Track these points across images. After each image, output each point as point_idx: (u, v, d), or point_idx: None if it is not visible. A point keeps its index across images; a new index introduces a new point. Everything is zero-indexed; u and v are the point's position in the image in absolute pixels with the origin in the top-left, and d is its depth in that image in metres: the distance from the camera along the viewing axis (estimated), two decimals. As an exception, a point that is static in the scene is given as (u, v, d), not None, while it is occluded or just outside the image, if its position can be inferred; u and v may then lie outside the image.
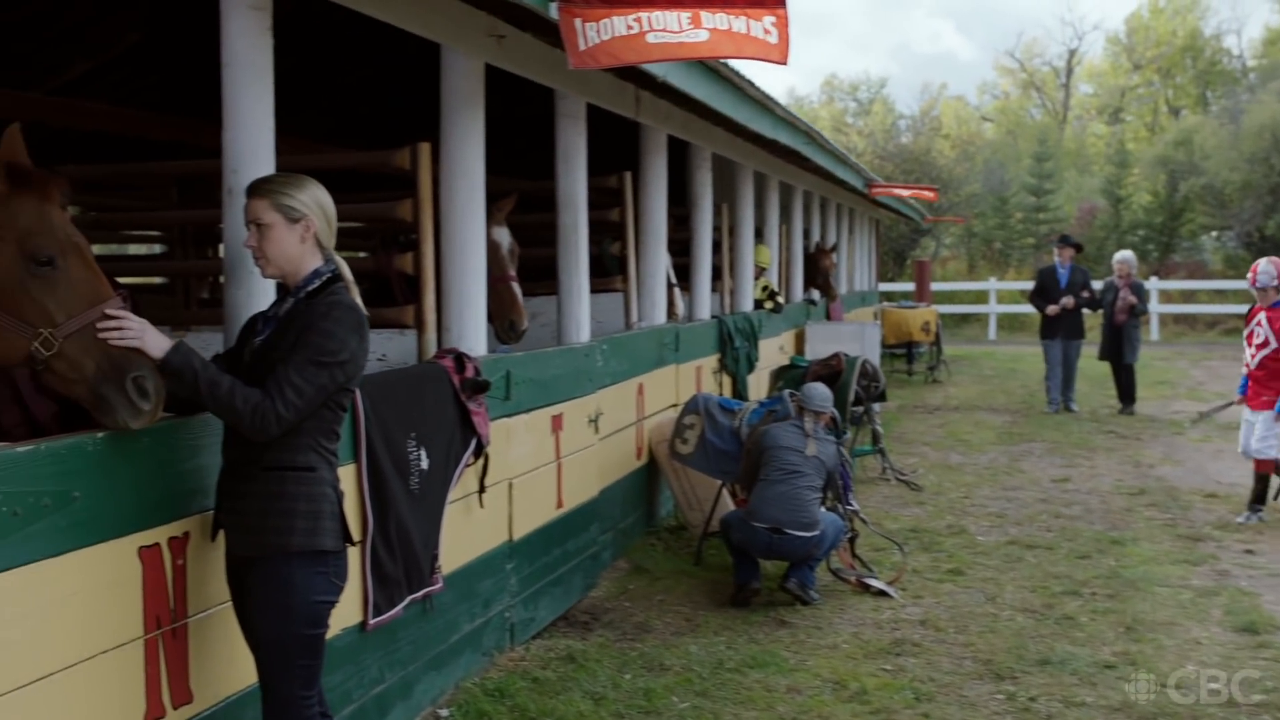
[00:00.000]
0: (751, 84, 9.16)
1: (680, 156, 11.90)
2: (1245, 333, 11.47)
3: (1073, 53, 66.73)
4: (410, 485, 6.02)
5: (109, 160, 11.37)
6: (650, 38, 5.30)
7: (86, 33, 10.66)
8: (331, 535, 4.34)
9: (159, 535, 4.32)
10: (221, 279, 13.05)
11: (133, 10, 10.64)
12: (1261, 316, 11.18)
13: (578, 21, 5.34)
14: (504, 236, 8.09)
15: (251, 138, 5.04)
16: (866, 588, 8.88)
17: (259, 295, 5.04)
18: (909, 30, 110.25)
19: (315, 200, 4.39)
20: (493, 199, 7.52)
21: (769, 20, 5.15)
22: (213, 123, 11.21)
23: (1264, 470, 11.16)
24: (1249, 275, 11.47)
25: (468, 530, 6.79)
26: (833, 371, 12.56)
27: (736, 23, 5.19)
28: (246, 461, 4.27)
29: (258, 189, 4.39)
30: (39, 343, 3.94)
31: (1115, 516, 11.39)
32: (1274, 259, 11.38)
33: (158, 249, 14.30)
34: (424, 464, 6.15)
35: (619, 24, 5.29)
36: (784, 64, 5.06)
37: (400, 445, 5.94)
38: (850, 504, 9.38)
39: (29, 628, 3.73)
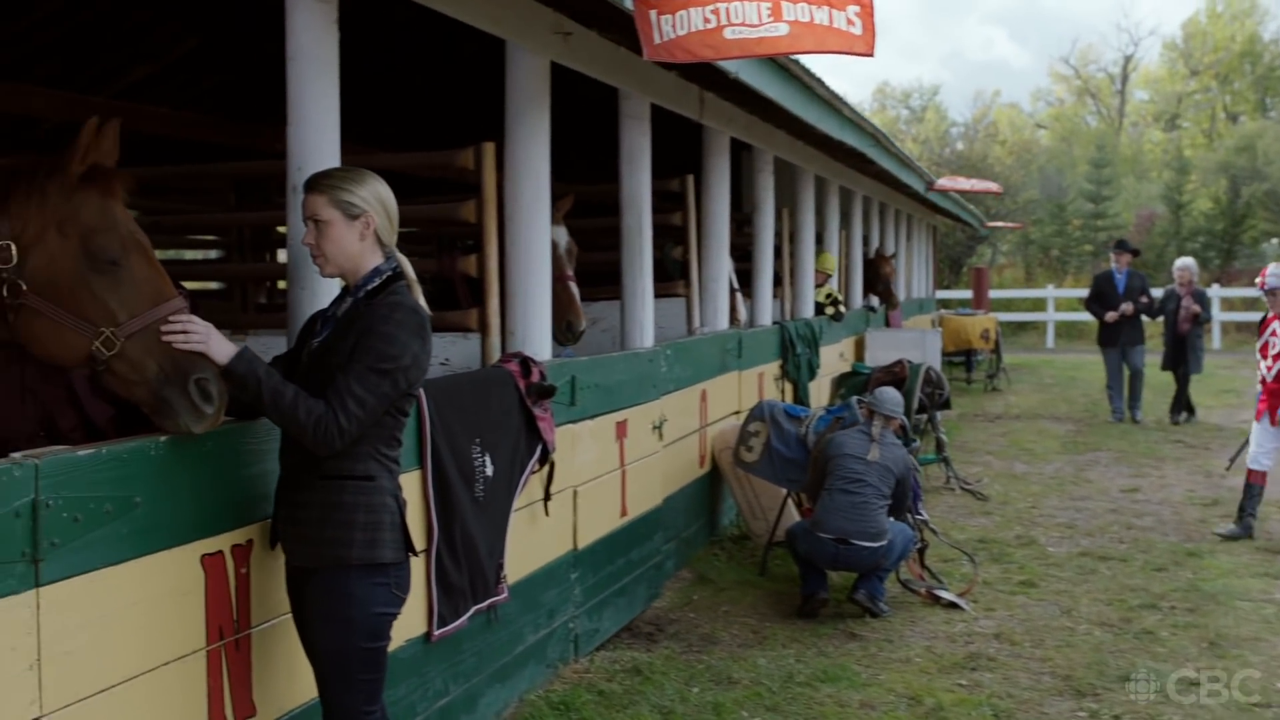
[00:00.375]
0: (821, 82, 8.96)
1: (736, 160, 11.70)
2: (1259, 345, 10.94)
3: (1128, 59, 66.12)
4: (475, 492, 5.86)
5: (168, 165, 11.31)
6: (728, 33, 5.06)
7: (145, 37, 10.66)
8: (392, 546, 4.17)
9: (222, 543, 4.17)
10: (280, 284, 13.10)
11: (190, 15, 10.64)
12: (1275, 325, 10.65)
13: (653, 14, 5.11)
14: (561, 236, 7.93)
15: (317, 134, 4.89)
16: (937, 599, 8.65)
17: (322, 295, 4.89)
18: (961, 38, 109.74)
19: (375, 195, 4.22)
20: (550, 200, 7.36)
21: (852, 10, 4.91)
22: (271, 126, 11.26)
23: (1258, 481, 10.70)
24: (1258, 280, 10.96)
25: (532, 539, 6.62)
26: (896, 379, 12.34)
27: (819, 14, 4.94)
28: (304, 470, 4.11)
29: (316, 184, 4.22)
30: (100, 342, 3.81)
31: (1189, 528, 11.08)
32: None
33: (214, 254, 14.26)
34: (489, 470, 5.99)
35: (696, 17, 5.05)
36: (870, 56, 4.82)
37: (465, 451, 5.78)
38: (919, 513, 9.15)
39: (90, 638, 3.58)
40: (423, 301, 4.28)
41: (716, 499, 10.46)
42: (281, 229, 11.42)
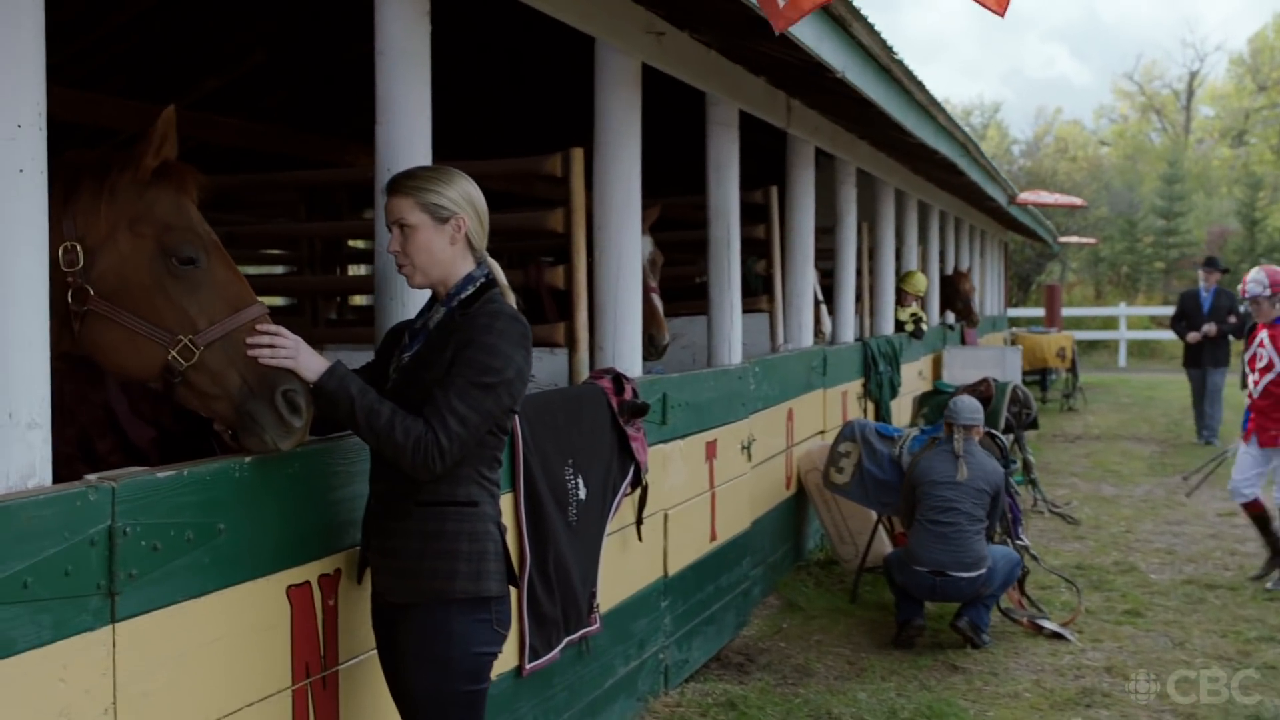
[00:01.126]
0: (921, 86, 8.58)
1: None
2: (1245, 357, 10.06)
3: (1194, 75, 65.15)
4: (568, 517, 5.51)
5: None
6: None
7: (214, 50, 10.48)
8: (496, 578, 3.80)
9: (309, 573, 3.84)
10: (352, 299, 12.85)
11: (257, 28, 10.46)
12: (1263, 336, 9.75)
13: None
14: (645, 246, 7.59)
15: (408, 133, 4.56)
16: (1039, 629, 8.22)
17: (413, 305, 4.56)
18: (1022, 56, 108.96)
19: (465, 195, 3.84)
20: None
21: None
22: (343, 139, 11.04)
23: (1258, 511, 9.75)
24: (1239, 288, 10.16)
25: (623, 565, 6.26)
26: (981, 397, 11.85)
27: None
28: (398, 495, 3.74)
29: (399, 185, 3.84)
30: (177, 351, 3.49)
31: (1298, 554, 10.56)
32: (1266, 266, 10.02)
33: (279, 270, 14.02)
34: (582, 493, 5.64)
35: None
36: (1001, 15, 4.36)
37: (558, 473, 5.44)
38: (1020, 538, 8.70)
39: (168, 678, 3.25)
40: (518, 309, 3.94)
41: (802, 522, 10.07)
42: (354, 242, 11.27)
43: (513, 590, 4.68)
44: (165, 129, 3.54)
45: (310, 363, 3.61)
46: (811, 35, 6.41)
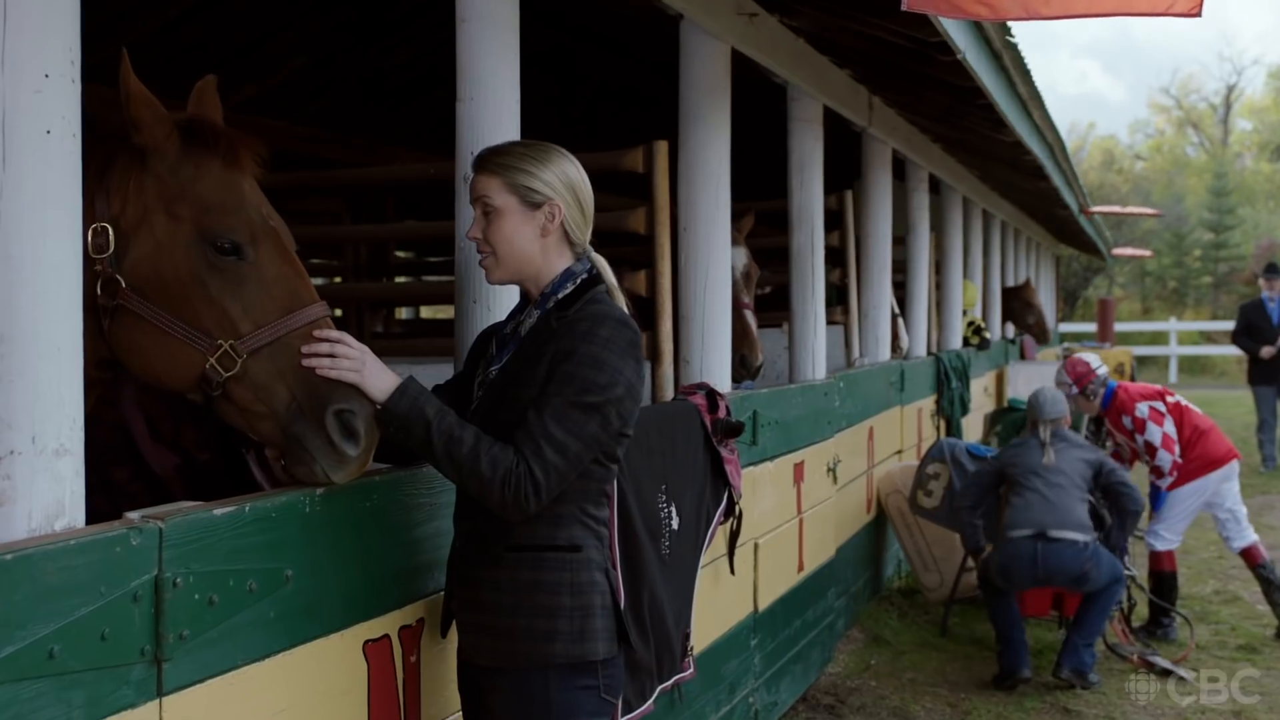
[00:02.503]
0: (1027, 76, 7.94)
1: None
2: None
3: (1231, 88, 64.38)
4: (661, 550, 4.87)
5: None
6: None
7: (252, 55, 10.04)
8: (604, 637, 3.16)
9: (388, 625, 3.23)
10: (399, 311, 12.29)
11: (295, 34, 10.05)
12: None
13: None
14: (739, 258, 6.99)
15: (494, 111, 3.95)
16: (1150, 666, 7.56)
17: (500, 307, 3.96)
18: (1054, 72, 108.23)
19: (564, 178, 3.21)
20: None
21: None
22: (388, 144, 10.52)
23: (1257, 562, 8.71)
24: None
25: (714, 602, 5.64)
26: (1060, 415, 11.21)
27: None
28: (487, 539, 3.12)
29: (488, 161, 3.22)
30: (216, 358, 2.88)
31: None
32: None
33: (318, 281, 13.49)
34: (674, 523, 5.01)
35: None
36: (1197, 16, 3.72)
37: (651, 501, 4.81)
38: (1127, 568, 8.02)
39: (226, 759, 2.66)
40: (628, 311, 3.32)
41: (881, 548, 9.44)
42: (401, 254, 10.75)
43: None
44: (200, 94, 2.97)
45: (378, 378, 2.98)
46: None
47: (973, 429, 12.92)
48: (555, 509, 3.10)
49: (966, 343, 13.68)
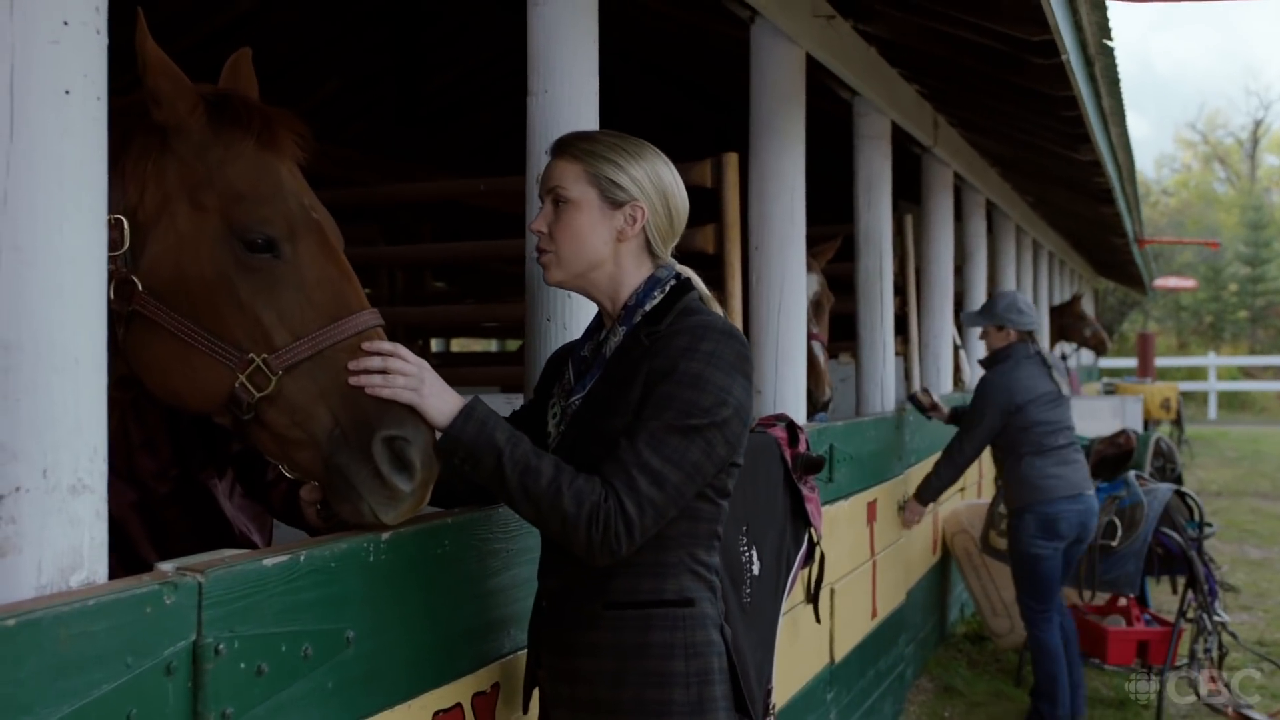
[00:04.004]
0: (1115, 86, 7.45)
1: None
2: None
3: (1258, 123, 64.00)
4: (742, 598, 4.40)
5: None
6: None
7: (284, 78, 9.73)
8: (724, 706, 2.67)
9: (460, 692, 2.76)
10: (434, 340, 11.86)
11: (330, 56, 9.74)
12: None
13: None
14: (811, 284, 6.54)
15: (572, 103, 3.50)
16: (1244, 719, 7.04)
17: (576, 324, 3.51)
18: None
19: (656, 181, 2.71)
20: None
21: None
22: (425, 168, 10.14)
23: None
24: None
25: (792, 653, 5.15)
26: (1122, 451, 10.67)
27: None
28: (579, 595, 2.63)
29: (571, 146, 2.71)
30: (247, 375, 2.39)
31: None
32: None
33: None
34: (755, 568, 4.52)
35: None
36: None
37: (733, 544, 4.31)
38: (1219, 614, 7.49)
39: None
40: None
41: (946, 591, 8.93)
42: (437, 284, 10.33)
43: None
44: (234, 67, 2.55)
45: (439, 399, 2.47)
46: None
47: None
48: (660, 556, 2.62)
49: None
